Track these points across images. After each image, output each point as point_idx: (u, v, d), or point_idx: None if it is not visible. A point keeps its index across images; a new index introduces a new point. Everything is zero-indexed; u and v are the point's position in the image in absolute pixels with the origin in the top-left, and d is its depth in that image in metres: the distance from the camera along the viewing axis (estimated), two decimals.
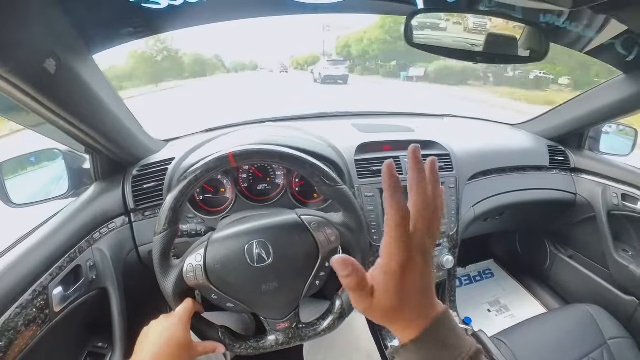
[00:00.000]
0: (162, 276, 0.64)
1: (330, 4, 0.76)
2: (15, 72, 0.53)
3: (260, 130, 1.28)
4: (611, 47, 0.98)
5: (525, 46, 0.92)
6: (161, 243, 0.63)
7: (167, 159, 0.98)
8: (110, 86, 0.80)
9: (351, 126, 1.26)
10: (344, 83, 15.02)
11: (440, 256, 1.08)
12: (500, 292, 1.72)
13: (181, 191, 0.63)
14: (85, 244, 0.82)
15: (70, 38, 0.65)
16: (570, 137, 1.41)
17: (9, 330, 0.60)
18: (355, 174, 1.03)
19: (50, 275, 0.70)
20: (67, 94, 0.66)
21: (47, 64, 0.57)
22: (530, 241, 1.72)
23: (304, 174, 0.68)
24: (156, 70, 27.70)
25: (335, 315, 0.70)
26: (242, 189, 1.01)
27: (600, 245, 1.30)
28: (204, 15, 0.74)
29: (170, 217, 0.63)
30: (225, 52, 51.95)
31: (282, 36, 64.35)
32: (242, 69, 41.37)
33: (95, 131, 0.78)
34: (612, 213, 1.26)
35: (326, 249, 0.67)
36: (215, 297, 0.65)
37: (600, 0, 0.64)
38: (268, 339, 0.68)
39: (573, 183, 1.37)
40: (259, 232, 0.66)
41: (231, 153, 0.64)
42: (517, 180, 1.30)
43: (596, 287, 1.37)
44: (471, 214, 1.18)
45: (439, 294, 1.17)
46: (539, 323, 1.11)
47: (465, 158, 1.18)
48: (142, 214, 0.95)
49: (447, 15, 0.85)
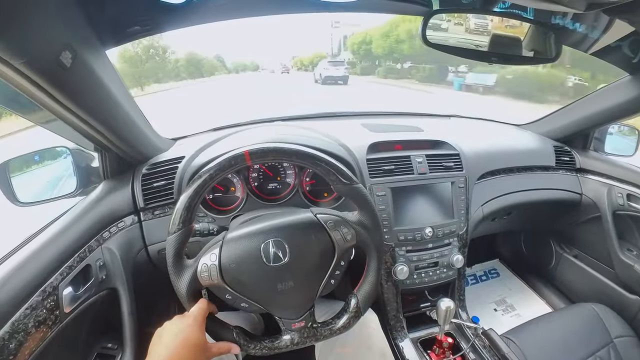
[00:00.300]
0: (175, 276, 0.63)
1: (345, 3, 0.76)
2: (31, 64, 0.52)
3: (270, 129, 1.27)
4: (618, 48, 0.98)
5: (530, 47, 0.93)
6: (175, 243, 0.62)
7: (177, 158, 0.97)
8: (121, 82, 0.79)
9: (361, 126, 1.26)
10: (344, 84, 14.92)
11: (450, 255, 1.09)
12: (506, 292, 1.73)
13: (196, 190, 0.62)
14: (95, 243, 0.81)
15: (85, 32, 0.64)
16: (575, 138, 1.42)
17: (19, 332, 0.58)
18: (366, 173, 1.04)
19: (60, 275, 0.69)
20: (81, 88, 0.66)
21: (63, 57, 0.56)
22: (535, 241, 1.73)
23: (320, 172, 0.67)
24: (143, 71, 25.78)
25: (350, 314, 0.69)
26: (253, 187, 1.01)
27: (606, 244, 1.31)
28: (218, 11, 0.73)
29: (185, 217, 0.62)
30: (226, 52, 50.72)
31: (284, 35, 63.32)
32: (242, 70, 40.34)
33: (106, 128, 0.77)
34: (617, 213, 1.27)
35: (342, 248, 0.66)
36: (229, 297, 0.64)
37: (613, 4, 0.64)
38: (283, 339, 0.68)
39: (579, 183, 1.38)
40: (274, 231, 0.66)
41: (247, 151, 0.63)
42: (524, 180, 1.30)
43: (601, 287, 1.37)
44: (480, 213, 1.18)
45: (448, 293, 1.18)
46: (546, 322, 1.12)
47: (474, 158, 1.18)
48: (152, 212, 0.94)
49: (448, 15, 0.85)
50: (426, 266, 1.08)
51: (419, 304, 1.18)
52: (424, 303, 1.18)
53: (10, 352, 0.57)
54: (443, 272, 1.10)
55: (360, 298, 0.70)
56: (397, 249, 1.05)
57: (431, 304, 1.17)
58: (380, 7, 0.85)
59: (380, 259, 0.71)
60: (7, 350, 0.56)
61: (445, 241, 1.10)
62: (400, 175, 1.07)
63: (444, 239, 1.09)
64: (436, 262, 1.09)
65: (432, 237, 1.07)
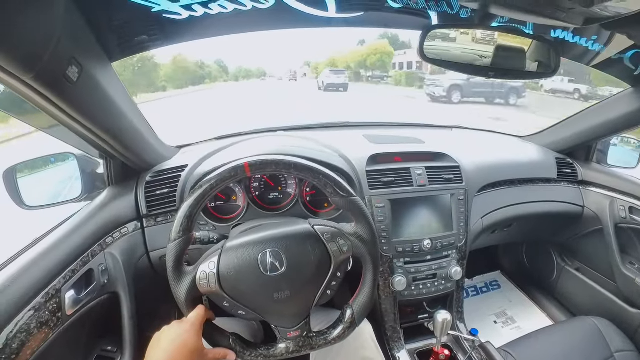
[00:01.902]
0: (175, 282, 0.64)
1: (346, 18, 0.77)
2: (39, 78, 0.54)
3: (272, 139, 1.29)
4: (619, 61, 0.99)
5: (533, 59, 0.93)
6: (175, 250, 0.63)
7: (180, 166, 0.99)
8: (126, 93, 0.81)
9: (362, 137, 1.27)
10: (344, 90, 15.63)
11: (448, 267, 1.09)
12: (506, 304, 1.72)
13: (197, 199, 0.63)
14: (98, 248, 0.83)
15: (92, 46, 0.66)
16: (578, 150, 1.42)
17: (22, 332, 0.60)
18: (366, 185, 1.04)
19: (63, 279, 0.71)
20: (87, 101, 0.68)
21: (69, 72, 0.58)
22: (537, 253, 1.72)
23: (318, 184, 0.68)
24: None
25: (345, 324, 0.70)
26: (254, 197, 1.02)
27: (607, 258, 1.30)
28: (222, 26, 0.75)
29: (185, 225, 0.63)
30: (231, 58, 47.27)
31: (295, 40, 60.53)
32: (245, 77, 38.29)
33: (112, 137, 0.79)
34: (619, 226, 1.26)
35: (338, 259, 0.67)
36: (227, 304, 0.65)
37: (609, 20, 0.65)
38: (278, 347, 0.68)
39: (581, 196, 1.38)
40: (272, 241, 0.67)
41: (247, 163, 0.65)
42: (525, 192, 1.30)
43: (603, 300, 1.36)
44: (480, 226, 1.18)
45: (446, 305, 1.17)
46: (545, 335, 1.11)
47: (474, 170, 1.18)
48: (154, 219, 0.96)
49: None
50: (424, 278, 1.08)
51: (417, 315, 1.18)
52: (421, 314, 1.18)
53: (13, 351, 0.59)
54: (441, 284, 1.10)
55: (355, 309, 0.70)
56: (395, 260, 1.06)
57: (429, 315, 1.17)
58: (381, 22, 0.87)
59: (377, 271, 0.71)
60: (10, 349, 0.58)
61: (444, 253, 1.10)
62: (400, 187, 1.07)
63: (442, 251, 1.09)
64: (434, 274, 1.09)
65: (430, 249, 1.07)
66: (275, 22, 0.77)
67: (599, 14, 0.64)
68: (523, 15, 0.73)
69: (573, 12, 0.65)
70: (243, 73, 39.47)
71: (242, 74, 38.99)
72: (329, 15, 0.75)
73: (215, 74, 35.37)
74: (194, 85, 27.58)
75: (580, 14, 0.66)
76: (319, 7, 0.73)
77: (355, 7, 0.77)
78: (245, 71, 40.71)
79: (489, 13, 0.78)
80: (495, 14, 0.78)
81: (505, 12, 0.76)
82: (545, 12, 0.68)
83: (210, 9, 0.68)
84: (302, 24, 0.79)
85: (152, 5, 0.65)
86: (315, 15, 0.75)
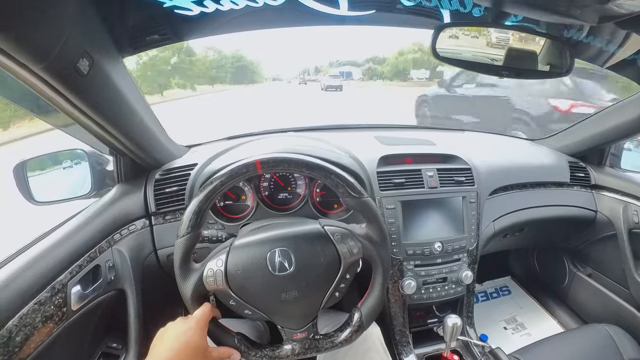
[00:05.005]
0: (181, 279, 0.64)
1: (358, 16, 0.77)
2: (49, 69, 0.54)
3: (282, 139, 1.28)
4: (633, 62, 0.97)
5: (545, 62, 0.92)
6: (183, 246, 0.63)
7: (190, 165, 0.99)
8: (137, 89, 0.81)
9: (373, 138, 1.26)
10: (340, 90, 18.77)
11: (459, 271, 1.07)
12: (517, 310, 1.69)
13: (206, 195, 0.63)
14: (106, 244, 0.83)
15: (103, 40, 0.66)
16: (591, 154, 1.39)
17: (26, 325, 0.60)
18: (377, 186, 1.03)
19: (69, 274, 0.70)
20: (98, 95, 0.68)
21: (80, 64, 0.58)
22: (548, 258, 1.69)
23: (329, 184, 0.67)
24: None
25: (353, 327, 0.69)
26: (263, 197, 1.02)
27: (620, 264, 1.27)
28: (233, 23, 0.75)
29: (194, 221, 0.63)
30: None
31: (307, 44, 59.27)
32: (252, 82, 38.01)
33: (122, 134, 0.80)
34: (633, 231, 1.23)
35: (348, 261, 0.66)
36: (233, 303, 0.64)
37: (624, 17, 0.64)
38: (284, 348, 0.67)
39: (593, 200, 1.35)
40: (281, 240, 0.66)
41: (258, 160, 0.64)
42: (537, 196, 1.28)
43: (615, 307, 1.33)
44: (491, 229, 1.16)
45: (456, 309, 1.15)
46: (556, 342, 1.09)
47: (486, 173, 1.17)
48: (163, 217, 0.96)
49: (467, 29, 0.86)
50: (434, 281, 1.06)
51: (426, 319, 1.16)
52: (431, 319, 1.16)
53: (17, 344, 0.58)
54: (452, 288, 1.08)
55: (364, 312, 0.69)
56: (405, 263, 1.04)
57: (438, 320, 1.14)
58: (393, 22, 0.86)
59: (387, 274, 0.70)
60: (14, 342, 0.58)
61: (455, 257, 1.08)
62: (411, 188, 1.06)
63: (453, 255, 1.07)
64: (445, 278, 1.07)
65: (441, 252, 1.05)
66: (287, 19, 0.77)
67: (615, 11, 0.62)
68: (537, 13, 0.72)
69: (588, 10, 0.64)
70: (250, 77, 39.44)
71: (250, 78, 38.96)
72: (340, 13, 0.75)
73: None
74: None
75: (595, 11, 0.65)
76: (331, 4, 0.73)
77: (368, 5, 0.76)
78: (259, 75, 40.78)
79: (502, 11, 0.76)
80: (509, 12, 0.76)
81: (519, 10, 0.75)
82: (560, 9, 0.67)
83: (221, 4, 0.68)
84: (314, 22, 0.79)
85: (164, 1, 0.65)
86: (327, 13, 0.75)
